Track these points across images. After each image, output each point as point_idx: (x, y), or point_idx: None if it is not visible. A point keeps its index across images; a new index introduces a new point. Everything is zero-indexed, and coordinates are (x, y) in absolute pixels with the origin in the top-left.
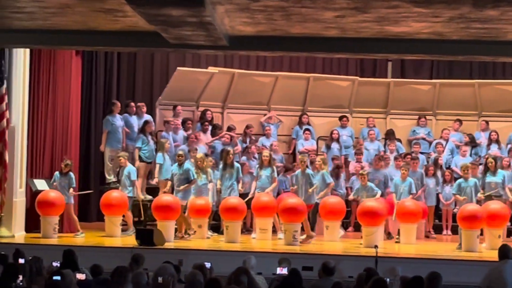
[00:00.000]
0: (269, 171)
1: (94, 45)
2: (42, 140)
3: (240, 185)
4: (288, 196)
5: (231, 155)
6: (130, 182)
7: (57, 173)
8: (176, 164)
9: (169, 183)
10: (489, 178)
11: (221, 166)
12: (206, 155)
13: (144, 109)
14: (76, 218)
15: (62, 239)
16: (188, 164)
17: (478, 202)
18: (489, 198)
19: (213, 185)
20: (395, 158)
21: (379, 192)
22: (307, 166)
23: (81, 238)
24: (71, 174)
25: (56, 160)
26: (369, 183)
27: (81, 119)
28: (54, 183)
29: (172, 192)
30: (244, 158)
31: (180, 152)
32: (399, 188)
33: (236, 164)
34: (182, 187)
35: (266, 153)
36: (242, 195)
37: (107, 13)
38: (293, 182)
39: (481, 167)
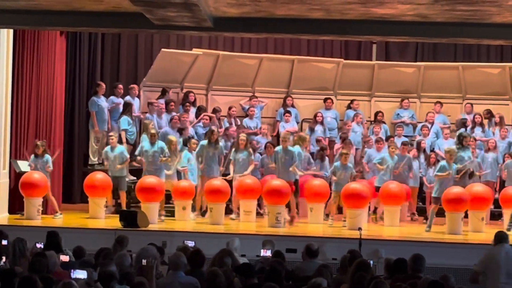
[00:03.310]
0: (246, 154)
1: (77, 26)
2: (26, 121)
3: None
4: (272, 178)
5: (215, 135)
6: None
7: (32, 156)
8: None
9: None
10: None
11: (205, 143)
12: (190, 137)
13: (136, 91)
14: (53, 199)
15: (45, 221)
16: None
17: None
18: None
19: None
20: (376, 141)
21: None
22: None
23: (59, 219)
24: (47, 155)
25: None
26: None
27: (65, 100)
28: (31, 165)
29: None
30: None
31: (153, 131)
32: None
33: (220, 144)
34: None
35: (243, 136)
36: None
37: None
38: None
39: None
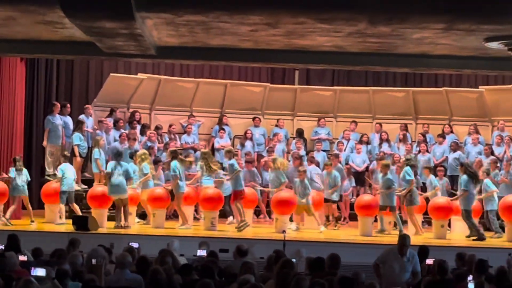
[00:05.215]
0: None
1: (36, 53)
2: None
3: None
4: (207, 187)
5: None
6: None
7: None
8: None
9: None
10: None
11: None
12: (135, 151)
13: (90, 110)
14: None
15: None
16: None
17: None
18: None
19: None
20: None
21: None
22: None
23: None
24: None
25: (2, 156)
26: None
27: (24, 118)
28: None
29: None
30: (164, 154)
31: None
32: (325, 179)
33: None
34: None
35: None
36: None
37: (47, 24)
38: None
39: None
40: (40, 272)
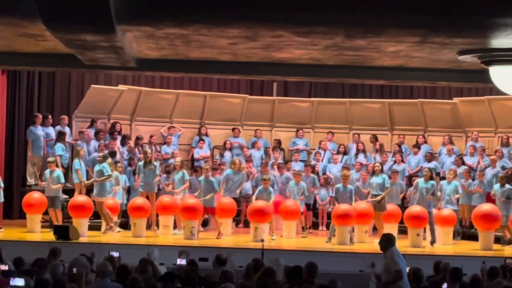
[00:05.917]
0: (181, 175)
1: (17, 65)
2: None
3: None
4: (188, 197)
5: (149, 154)
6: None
7: None
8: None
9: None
10: (372, 179)
11: (141, 163)
12: (117, 161)
13: (66, 121)
14: None
15: None
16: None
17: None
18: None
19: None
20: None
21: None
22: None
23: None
24: None
25: None
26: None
27: (6, 129)
28: None
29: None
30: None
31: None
32: (293, 190)
33: (155, 163)
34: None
35: (178, 158)
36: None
37: (29, 37)
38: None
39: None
40: (18, 282)
